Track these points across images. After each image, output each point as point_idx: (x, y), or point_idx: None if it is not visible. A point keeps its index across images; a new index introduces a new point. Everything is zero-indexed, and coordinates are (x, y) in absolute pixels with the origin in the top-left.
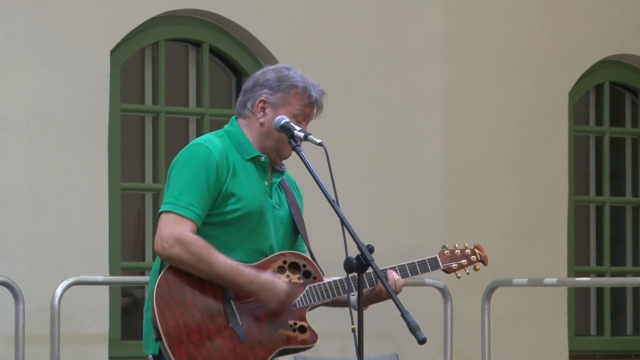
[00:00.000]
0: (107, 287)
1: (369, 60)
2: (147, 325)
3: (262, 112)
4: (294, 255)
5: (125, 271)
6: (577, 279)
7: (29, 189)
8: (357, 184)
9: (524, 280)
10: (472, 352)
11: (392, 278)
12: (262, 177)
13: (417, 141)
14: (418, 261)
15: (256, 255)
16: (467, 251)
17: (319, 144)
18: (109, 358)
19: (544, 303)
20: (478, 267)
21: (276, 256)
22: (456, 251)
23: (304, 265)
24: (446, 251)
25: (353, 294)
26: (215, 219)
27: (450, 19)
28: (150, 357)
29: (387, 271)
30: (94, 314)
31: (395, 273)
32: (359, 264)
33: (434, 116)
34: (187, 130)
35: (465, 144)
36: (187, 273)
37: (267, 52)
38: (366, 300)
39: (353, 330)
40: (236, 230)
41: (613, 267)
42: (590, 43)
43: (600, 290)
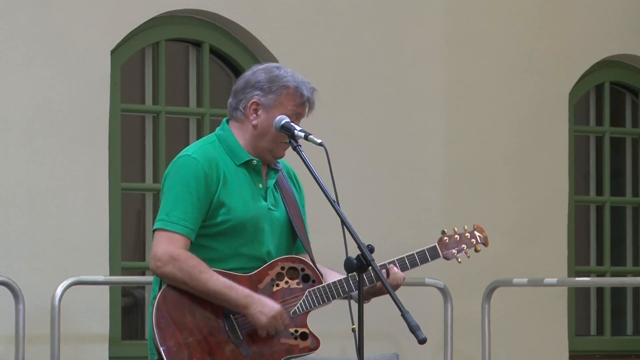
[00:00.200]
0: (107, 287)
1: (369, 60)
2: (150, 332)
3: (254, 114)
4: (291, 259)
5: (126, 271)
6: (577, 279)
7: (29, 189)
8: (358, 184)
9: (524, 280)
10: (472, 352)
11: (392, 273)
12: (255, 181)
13: (417, 141)
14: (417, 252)
15: (254, 263)
16: (466, 234)
17: (320, 144)
18: (109, 358)
19: (544, 303)
20: (479, 249)
21: (274, 262)
22: (455, 236)
23: (302, 269)
24: (445, 237)
25: (353, 292)
26: (209, 230)
27: (450, 19)
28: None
29: (386, 266)
30: (94, 314)
31: (395, 267)
32: (359, 264)
33: (434, 116)
34: (188, 130)
35: (466, 144)
36: (186, 292)
37: (267, 52)
38: (368, 294)
39: (353, 330)
40: (232, 240)
41: (613, 267)
42: (590, 43)
43: (600, 290)
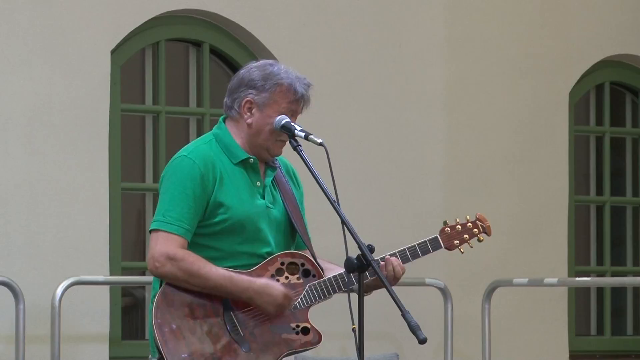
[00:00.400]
0: (107, 287)
1: (369, 60)
2: (151, 332)
3: (249, 113)
4: (291, 255)
5: (126, 271)
6: (577, 278)
7: (29, 189)
8: (358, 184)
9: (525, 280)
10: (472, 352)
11: (389, 263)
12: (253, 179)
13: (418, 141)
14: (418, 243)
15: (254, 260)
16: (468, 224)
17: (320, 144)
18: (110, 358)
19: (544, 303)
20: (482, 238)
21: (273, 259)
22: (457, 226)
23: (302, 264)
24: (447, 228)
25: (353, 286)
26: (207, 230)
27: (450, 19)
28: None
29: (387, 257)
30: (94, 314)
31: (394, 259)
32: (360, 264)
33: (435, 116)
34: (188, 130)
35: (466, 144)
36: (184, 289)
37: (267, 52)
38: (369, 287)
39: (353, 330)
40: (231, 239)
41: (613, 267)
42: (590, 43)
43: (600, 290)
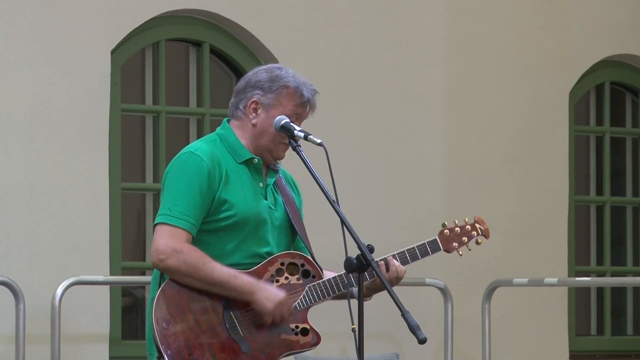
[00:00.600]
0: (107, 287)
1: (369, 60)
2: (150, 331)
3: (254, 114)
4: (291, 255)
5: (126, 271)
6: (577, 278)
7: (29, 189)
8: (357, 184)
9: (525, 280)
10: (472, 352)
11: (392, 265)
12: (256, 179)
13: (418, 141)
14: (418, 245)
15: (254, 259)
16: (467, 227)
17: (319, 144)
18: (110, 358)
19: (545, 303)
20: (480, 241)
21: (273, 259)
22: (456, 229)
23: (302, 264)
24: (445, 230)
25: (353, 287)
26: (210, 226)
27: (450, 19)
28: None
29: (386, 259)
30: (94, 314)
31: (395, 260)
32: (359, 264)
33: (434, 116)
34: (188, 130)
35: (466, 144)
36: (185, 288)
37: (267, 52)
38: (369, 290)
39: (353, 330)
40: (233, 236)
41: (613, 267)
42: (590, 43)
43: (600, 290)
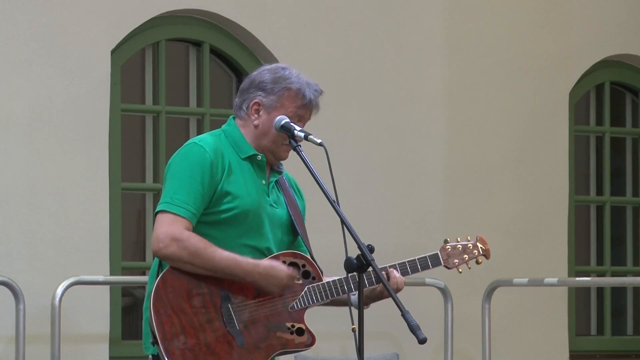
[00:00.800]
0: (107, 287)
1: (369, 60)
2: (147, 325)
3: (256, 115)
4: (293, 255)
5: (126, 271)
6: (577, 278)
7: (29, 189)
8: (358, 184)
9: (525, 280)
10: (472, 352)
11: (393, 277)
12: (259, 176)
13: (418, 141)
14: (419, 258)
15: (253, 254)
16: (469, 245)
17: (319, 144)
18: (110, 358)
19: (545, 303)
20: (480, 261)
21: (275, 257)
22: (458, 246)
23: (303, 265)
24: (447, 246)
25: (353, 293)
26: (210, 218)
27: (450, 19)
28: (150, 358)
29: (387, 269)
30: (94, 314)
31: (395, 271)
32: (360, 264)
33: (435, 116)
34: (188, 130)
35: (466, 144)
36: (185, 276)
37: (267, 52)
38: (368, 299)
39: (353, 330)
40: (232, 229)
41: (613, 267)
42: (590, 43)
43: (600, 290)
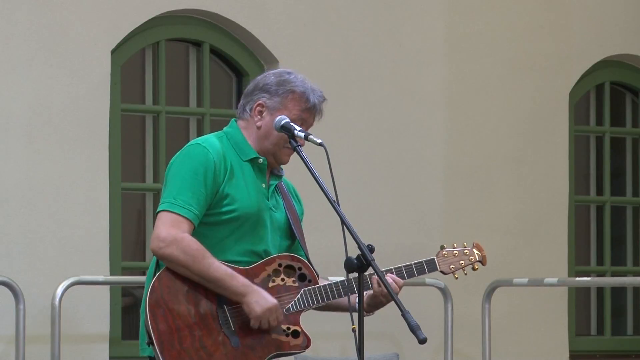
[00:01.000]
0: (107, 287)
1: (370, 60)
2: (143, 317)
3: (259, 116)
4: (290, 257)
5: (126, 271)
6: (577, 278)
7: (29, 189)
8: (358, 184)
9: (525, 280)
10: (472, 352)
11: (391, 281)
12: (260, 179)
13: (418, 141)
14: (415, 263)
15: (251, 256)
16: (465, 251)
17: (320, 144)
18: (110, 358)
19: (545, 303)
20: (477, 267)
21: (272, 259)
22: (454, 251)
23: (299, 268)
24: (444, 252)
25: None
26: (210, 219)
27: (450, 19)
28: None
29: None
30: (94, 314)
31: (392, 276)
32: (360, 264)
33: (435, 116)
34: (188, 130)
35: (466, 144)
36: (181, 277)
37: (267, 52)
38: (370, 306)
39: (353, 330)
40: (231, 231)
41: (613, 267)
42: (590, 43)
43: (600, 290)
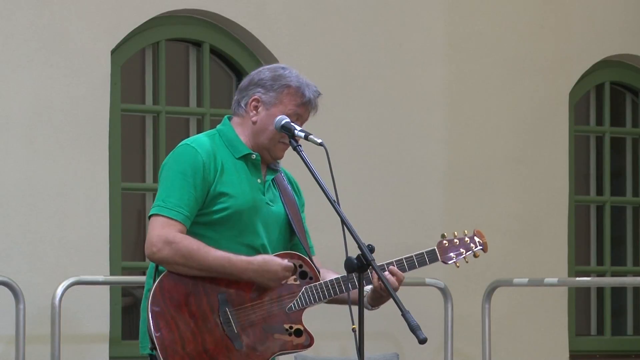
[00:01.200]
0: (107, 287)
1: (369, 60)
2: (144, 325)
3: (255, 111)
4: (290, 255)
5: (126, 271)
6: (577, 278)
7: (29, 189)
8: (358, 184)
9: (525, 280)
10: (473, 352)
11: (391, 274)
12: (254, 175)
13: (418, 141)
14: (416, 254)
15: (248, 253)
16: (465, 239)
17: (320, 144)
18: (110, 358)
19: (545, 303)
20: (478, 254)
21: None
22: (455, 240)
23: (300, 265)
24: (444, 241)
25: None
26: (205, 218)
27: (451, 19)
28: (148, 358)
29: (385, 267)
30: (94, 314)
31: (393, 268)
32: (360, 264)
33: (435, 116)
34: (188, 130)
35: (466, 144)
36: (182, 281)
37: (267, 52)
38: (372, 300)
39: (353, 330)
40: (227, 229)
41: (613, 267)
42: (590, 43)
43: (600, 290)
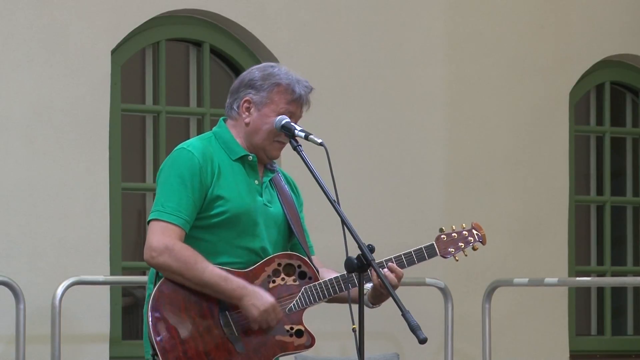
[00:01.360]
0: (107, 287)
1: (369, 60)
2: (146, 329)
3: (247, 113)
4: (288, 256)
5: (126, 271)
6: (577, 278)
7: (29, 189)
8: (358, 184)
9: (525, 280)
10: (473, 352)
11: (390, 271)
12: (251, 176)
13: (418, 141)
14: (415, 250)
15: (248, 256)
16: (464, 232)
17: (320, 144)
18: (110, 358)
19: (545, 303)
20: (477, 247)
21: (270, 259)
22: (453, 234)
23: (299, 266)
24: (442, 235)
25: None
26: (203, 222)
27: (451, 19)
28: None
29: (384, 264)
30: (94, 314)
31: (392, 265)
32: (360, 264)
33: (435, 116)
34: (188, 130)
35: (466, 144)
36: (182, 286)
37: (267, 52)
38: (373, 299)
39: (353, 330)
40: (226, 232)
41: (614, 267)
42: (590, 43)
43: (600, 290)
